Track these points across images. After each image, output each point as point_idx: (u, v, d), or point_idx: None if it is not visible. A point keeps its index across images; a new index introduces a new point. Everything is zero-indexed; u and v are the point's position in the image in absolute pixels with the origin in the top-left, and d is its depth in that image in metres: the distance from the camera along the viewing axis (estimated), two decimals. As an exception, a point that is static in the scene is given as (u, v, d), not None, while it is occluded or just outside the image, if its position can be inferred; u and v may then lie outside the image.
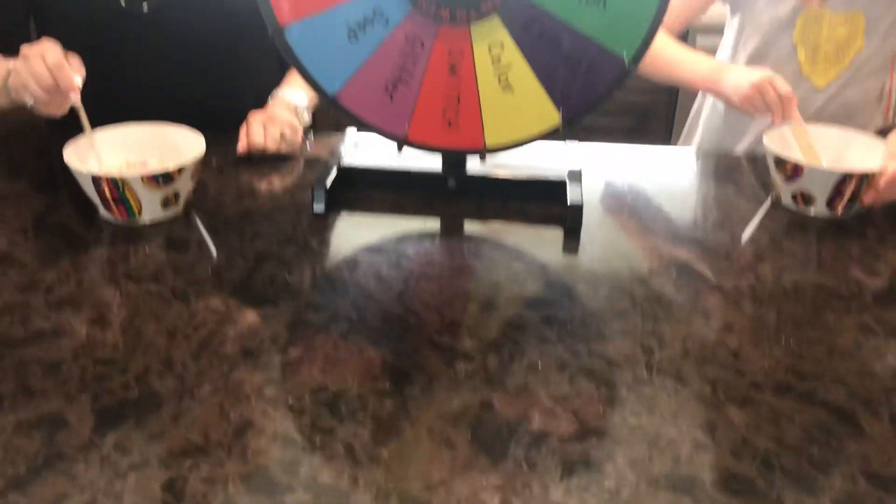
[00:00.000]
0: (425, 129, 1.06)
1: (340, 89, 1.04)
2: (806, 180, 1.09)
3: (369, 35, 1.00)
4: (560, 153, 1.18)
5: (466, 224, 1.08)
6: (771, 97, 1.18)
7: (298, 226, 1.05)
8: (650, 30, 0.98)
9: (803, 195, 1.11)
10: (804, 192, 1.11)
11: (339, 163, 1.13)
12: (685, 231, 1.07)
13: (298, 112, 1.28)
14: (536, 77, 1.02)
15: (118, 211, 1.02)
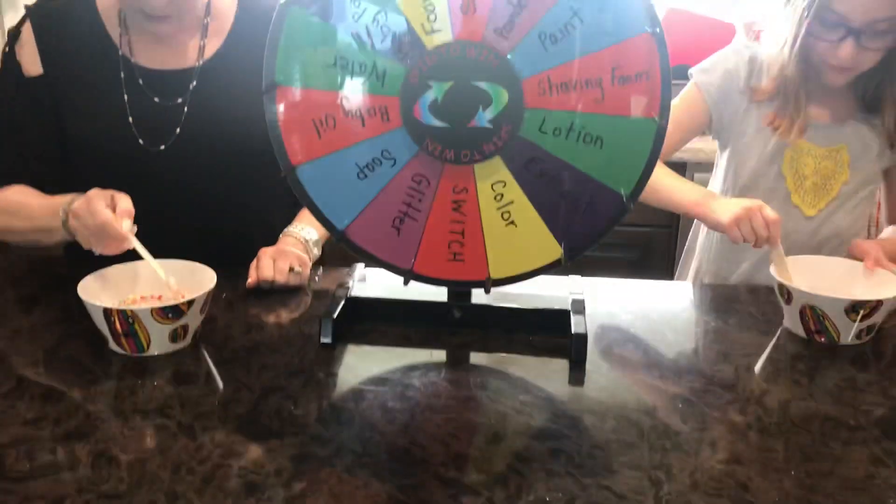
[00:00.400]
0: (431, 262, 1.09)
1: (349, 225, 1.08)
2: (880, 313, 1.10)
3: (377, 174, 1.05)
4: (564, 285, 1.21)
5: (472, 355, 1.09)
6: (758, 222, 1.20)
7: (305, 358, 1.06)
8: (647, 167, 1.02)
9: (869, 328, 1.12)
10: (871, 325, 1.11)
11: (347, 295, 1.15)
12: (690, 362, 1.07)
13: (308, 247, 1.32)
14: (538, 213, 1.05)
15: (127, 344, 1.03)
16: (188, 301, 1.03)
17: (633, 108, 1.00)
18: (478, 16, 0.98)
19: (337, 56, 1.01)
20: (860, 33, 1.19)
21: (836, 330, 1.11)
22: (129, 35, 1.29)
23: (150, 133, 1.28)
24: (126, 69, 1.28)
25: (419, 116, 1.02)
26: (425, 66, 1.00)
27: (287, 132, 1.04)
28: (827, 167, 1.36)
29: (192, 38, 1.31)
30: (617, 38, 0.98)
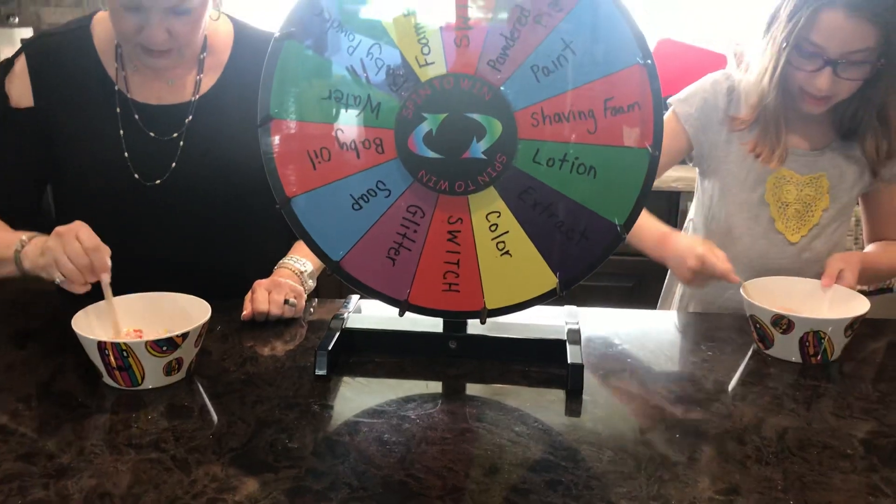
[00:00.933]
0: (426, 293, 1.09)
1: (344, 256, 1.08)
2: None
3: (372, 205, 1.05)
4: (559, 315, 1.20)
5: (468, 386, 1.08)
6: (712, 271, 1.24)
7: (300, 390, 1.05)
8: (640, 197, 1.03)
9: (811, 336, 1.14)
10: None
11: (342, 326, 1.15)
12: (686, 391, 1.07)
13: (303, 279, 1.32)
14: (533, 243, 1.06)
15: (122, 378, 1.03)
16: (182, 334, 1.02)
17: (625, 138, 1.01)
18: (471, 49, 0.99)
19: (332, 89, 1.02)
20: (836, 64, 1.23)
21: (832, 348, 1.14)
22: (126, 71, 1.30)
23: (145, 167, 1.29)
24: (122, 104, 1.29)
25: (414, 148, 1.02)
26: (419, 98, 1.01)
27: (282, 164, 1.04)
28: (808, 194, 1.39)
29: (188, 74, 1.32)
30: (609, 69, 0.99)
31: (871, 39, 1.21)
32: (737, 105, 1.39)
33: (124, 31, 1.19)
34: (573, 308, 1.23)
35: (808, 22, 1.21)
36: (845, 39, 1.21)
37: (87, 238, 1.08)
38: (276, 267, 1.34)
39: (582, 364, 1.06)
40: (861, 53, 1.22)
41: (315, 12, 1.00)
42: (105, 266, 1.08)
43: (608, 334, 1.25)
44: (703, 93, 1.42)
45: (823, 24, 1.21)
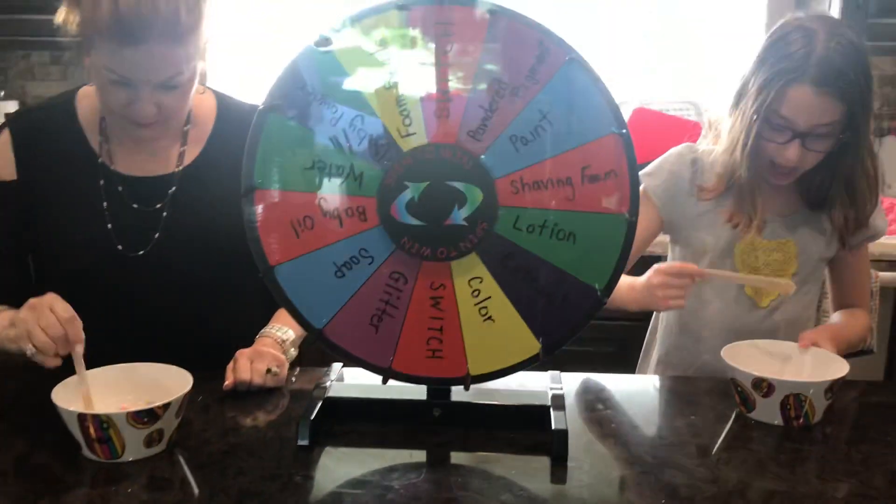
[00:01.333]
0: (410, 360, 1.09)
1: (327, 324, 1.08)
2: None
3: (355, 272, 1.06)
4: (543, 381, 1.20)
5: (452, 454, 1.08)
6: (673, 282, 1.25)
7: (283, 461, 1.04)
8: (619, 261, 1.05)
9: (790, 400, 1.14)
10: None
11: (324, 395, 1.14)
12: (671, 456, 1.07)
13: (285, 347, 1.31)
14: (515, 308, 1.07)
15: (101, 451, 1.01)
16: (164, 405, 1.01)
17: (603, 205, 1.03)
18: (451, 120, 1.02)
19: (315, 159, 1.04)
20: (805, 136, 1.27)
21: (814, 411, 1.14)
22: (109, 143, 1.31)
23: (128, 239, 1.29)
24: (105, 177, 1.30)
25: (396, 215, 1.04)
26: (402, 167, 1.03)
27: (265, 233, 1.05)
28: (777, 259, 1.42)
29: (172, 145, 1.33)
30: (585, 138, 1.02)
31: (837, 113, 1.25)
32: (701, 175, 1.43)
33: (112, 104, 1.21)
34: (556, 373, 1.23)
35: (777, 96, 1.25)
36: (813, 113, 1.25)
37: (62, 309, 1.07)
38: (257, 336, 1.33)
39: (566, 430, 1.06)
40: (827, 127, 1.26)
41: (298, 86, 1.03)
42: (79, 337, 1.07)
43: (592, 399, 1.25)
44: (669, 165, 1.46)
45: (792, 99, 1.25)
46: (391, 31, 1.01)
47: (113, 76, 1.16)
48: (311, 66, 1.03)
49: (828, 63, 1.23)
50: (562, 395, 1.14)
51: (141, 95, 1.18)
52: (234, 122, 1.35)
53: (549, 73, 1.01)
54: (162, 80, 1.17)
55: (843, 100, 1.24)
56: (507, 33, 1.01)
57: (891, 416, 1.20)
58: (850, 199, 1.36)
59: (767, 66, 1.28)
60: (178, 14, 1.14)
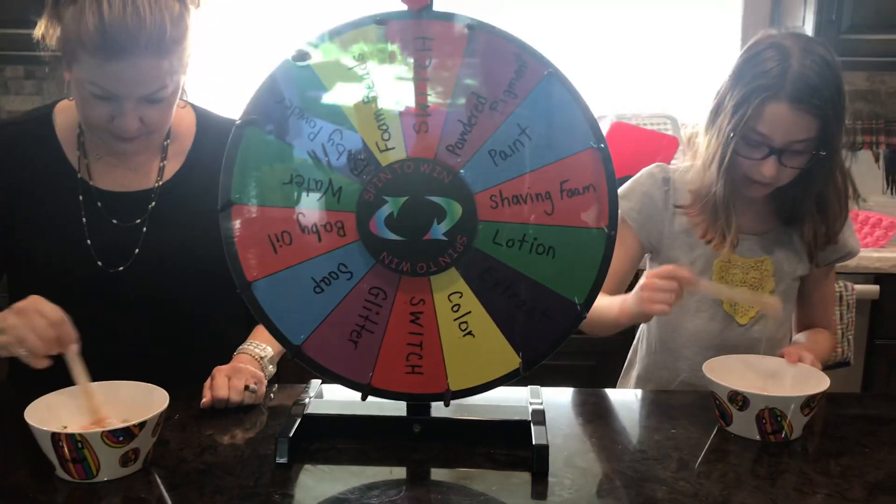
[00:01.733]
0: (389, 376, 1.08)
1: (305, 341, 1.07)
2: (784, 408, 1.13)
3: (334, 288, 1.05)
4: (523, 396, 1.20)
5: (433, 471, 1.07)
6: (661, 284, 1.22)
7: (261, 479, 1.03)
8: (599, 275, 1.05)
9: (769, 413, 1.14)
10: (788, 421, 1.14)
11: (303, 412, 1.13)
12: (651, 470, 1.07)
13: (263, 364, 1.30)
14: (495, 323, 1.06)
15: (76, 470, 0.99)
16: (139, 423, 1.00)
17: (582, 219, 1.03)
18: (430, 134, 1.02)
19: (293, 174, 1.03)
20: (781, 152, 1.28)
21: (791, 427, 1.14)
22: (88, 158, 1.30)
23: (108, 254, 1.28)
24: (84, 192, 1.29)
25: (375, 230, 1.03)
26: (380, 181, 1.02)
27: (243, 248, 1.04)
28: (754, 277, 1.43)
29: (152, 161, 1.32)
30: (564, 153, 1.02)
31: (813, 130, 1.26)
32: (674, 195, 1.44)
33: (95, 119, 1.20)
34: (537, 388, 1.23)
35: (754, 113, 1.26)
36: (789, 130, 1.26)
37: (51, 311, 1.06)
38: (235, 353, 1.32)
39: (547, 445, 1.06)
40: (803, 143, 1.27)
41: (276, 100, 1.02)
42: (72, 337, 1.06)
43: (572, 414, 1.24)
44: (641, 186, 1.46)
45: (769, 116, 1.26)
46: (369, 45, 1.01)
47: (96, 90, 1.15)
48: (288, 81, 1.02)
49: (803, 80, 1.24)
50: (542, 410, 1.14)
51: (125, 109, 1.17)
52: (213, 138, 1.34)
53: (528, 87, 1.01)
54: (146, 94, 1.17)
55: (819, 116, 1.25)
56: (485, 48, 1.01)
57: (868, 427, 1.21)
58: (821, 214, 1.38)
59: (743, 83, 1.29)
60: (164, 27, 1.13)
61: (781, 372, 1.25)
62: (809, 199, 1.36)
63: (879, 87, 2.74)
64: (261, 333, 1.36)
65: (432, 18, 1.01)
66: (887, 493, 1.01)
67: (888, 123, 2.73)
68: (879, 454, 1.12)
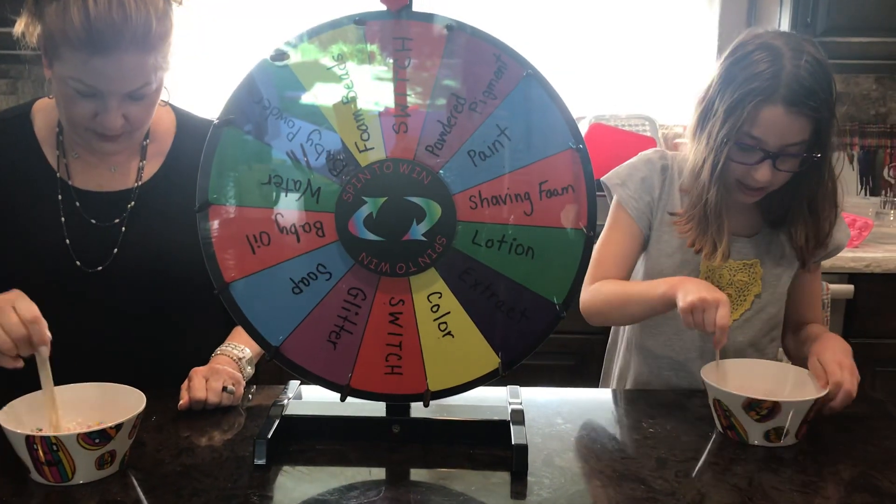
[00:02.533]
0: (369, 376, 1.08)
1: (284, 342, 1.07)
2: (782, 415, 1.11)
3: (313, 288, 1.05)
4: (502, 396, 1.20)
5: (412, 471, 1.07)
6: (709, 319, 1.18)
7: (239, 481, 1.02)
8: (577, 275, 1.05)
9: (776, 430, 1.13)
10: (778, 427, 1.12)
11: (282, 414, 1.13)
12: (629, 469, 1.07)
13: (241, 365, 1.30)
14: (474, 323, 1.07)
15: (51, 473, 0.98)
16: (116, 425, 0.99)
17: (561, 219, 1.04)
18: (409, 135, 1.02)
19: (272, 174, 1.03)
20: (776, 156, 1.25)
21: (743, 428, 1.14)
22: (67, 158, 1.29)
23: (86, 254, 1.27)
24: (63, 192, 1.28)
25: (354, 231, 1.03)
26: (360, 182, 1.02)
27: (220, 249, 1.04)
28: (741, 280, 1.40)
29: (131, 161, 1.31)
30: (543, 154, 1.03)
31: (807, 132, 1.24)
32: (670, 187, 1.40)
33: (78, 116, 1.19)
34: (516, 388, 1.23)
35: (749, 117, 1.23)
36: (784, 133, 1.23)
37: (25, 309, 1.04)
38: (213, 354, 1.31)
39: (526, 445, 1.06)
40: (798, 146, 1.25)
41: (255, 100, 1.02)
42: (44, 338, 1.04)
43: (551, 413, 1.25)
44: (638, 173, 1.42)
45: (763, 120, 1.23)
46: (348, 46, 1.01)
47: (80, 86, 1.14)
48: (267, 80, 1.02)
49: (798, 82, 1.21)
50: (521, 409, 1.14)
51: (108, 106, 1.16)
52: (192, 138, 1.33)
53: (507, 88, 1.01)
54: (130, 91, 1.16)
55: (813, 118, 1.23)
56: (464, 48, 1.01)
57: (844, 424, 1.22)
58: (813, 216, 1.35)
59: (734, 86, 1.25)
60: (150, 23, 1.13)
61: (780, 376, 1.24)
62: (801, 201, 1.34)
63: (853, 90, 2.78)
64: (239, 335, 1.36)
65: (411, 19, 1.01)
66: (862, 490, 1.02)
67: (862, 125, 2.77)
68: (854, 451, 1.13)
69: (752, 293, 1.41)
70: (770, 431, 1.13)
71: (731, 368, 1.25)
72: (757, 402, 1.12)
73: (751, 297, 1.41)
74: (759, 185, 1.28)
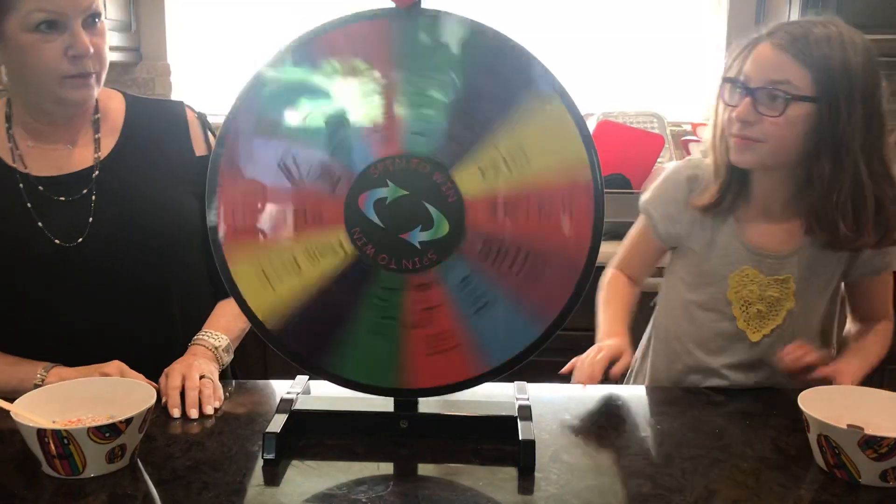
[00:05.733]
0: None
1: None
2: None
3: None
4: (509, 391, 1.21)
5: (420, 466, 1.07)
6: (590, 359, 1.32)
7: (248, 475, 1.03)
8: (580, 283, 1.05)
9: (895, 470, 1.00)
10: None
11: (290, 408, 1.14)
12: (637, 466, 1.08)
13: (218, 354, 1.32)
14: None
15: (62, 466, 0.99)
16: (126, 419, 1.00)
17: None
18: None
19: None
20: (755, 91, 1.23)
21: (856, 468, 1.01)
22: (20, 149, 1.28)
23: (63, 231, 1.26)
24: (24, 181, 1.27)
25: (362, 206, 1.04)
26: (392, 166, 1.03)
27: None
28: (772, 295, 1.35)
29: (85, 136, 1.32)
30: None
31: (794, 75, 1.21)
32: (700, 195, 1.37)
33: (47, 63, 1.19)
34: (523, 384, 1.23)
35: (743, 60, 1.26)
36: (767, 69, 1.23)
37: None
38: (190, 343, 1.33)
39: (533, 440, 1.06)
40: (783, 86, 1.22)
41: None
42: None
43: (558, 409, 1.25)
44: (663, 190, 1.43)
45: (754, 57, 1.25)
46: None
47: (43, 15, 1.16)
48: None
49: (793, 25, 1.22)
50: (528, 405, 1.15)
51: (75, 30, 1.18)
52: (145, 114, 1.37)
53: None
54: (88, 5, 1.18)
55: (806, 64, 1.21)
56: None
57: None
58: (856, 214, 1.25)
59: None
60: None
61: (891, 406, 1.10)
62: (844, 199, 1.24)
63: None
64: (214, 320, 1.38)
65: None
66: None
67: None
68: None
69: (784, 308, 1.35)
70: (888, 471, 1.00)
71: (830, 396, 1.13)
72: (876, 440, 0.99)
73: (783, 312, 1.35)
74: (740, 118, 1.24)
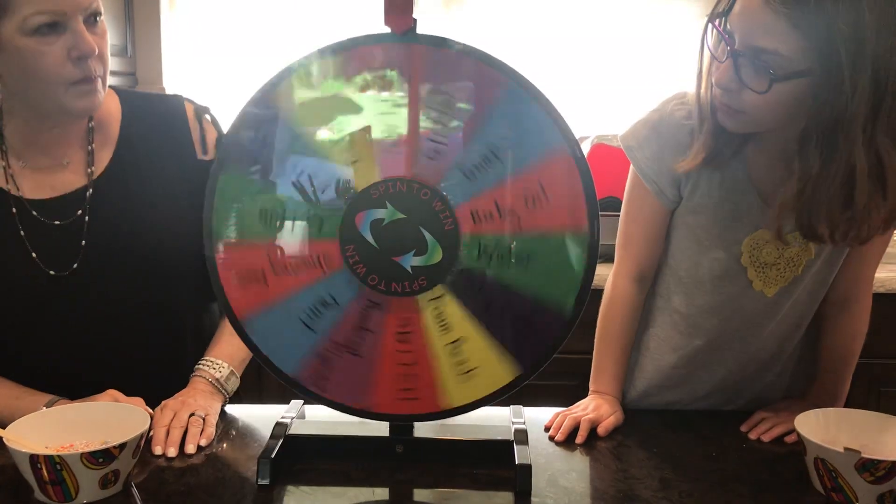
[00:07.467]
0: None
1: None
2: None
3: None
4: (505, 415, 1.20)
5: (416, 491, 1.07)
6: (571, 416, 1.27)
7: (243, 501, 1.02)
8: (585, 278, 1.04)
9: (893, 493, 0.99)
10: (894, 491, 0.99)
11: (285, 433, 1.13)
12: (634, 490, 1.07)
13: (220, 385, 1.29)
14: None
15: (55, 493, 0.98)
16: (120, 445, 0.99)
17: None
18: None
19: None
20: (738, 56, 1.08)
21: (853, 491, 1.00)
22: (12, 168, 1.25)
23: (56, 258, 1.24)
24: (17, 205, 1.24)
25: (358, 224, 1.04)
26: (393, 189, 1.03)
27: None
28: (791, 252, 1.25)
29: (79, 151, 1.28)
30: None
31: (788, 46, 1.03)
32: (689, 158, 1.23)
33: (50, 67, 1.14)
34: (519, 407, 1.23)
35: (729, 7, 1.09)
36: (755, 29, 1.05)
37: None
38: (191, 375, 1.31)
39: (530, 465, 1.06)
40: (770, 58, 1.05)
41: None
42: None
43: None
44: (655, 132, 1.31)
45: (739, 9, 1.07)
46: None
47: (44, 17, 1.11)
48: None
49: None
50: (524, 429, 1.14)
51: (77, 29, 1.14)
52: (141, 118, 1.32)
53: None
54: (88, 4, 1.14)
55: (804, 33, 1.01)
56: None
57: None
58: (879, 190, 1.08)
59: None
60: None
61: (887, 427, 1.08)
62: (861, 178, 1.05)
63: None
64: (216, 348, 1.35)
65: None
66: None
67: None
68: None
69: (803, 259, 1.25)
70: (886, 494, 0.99)
71: (826, 419, 1.11)
72: (872, 463, 0.98)
73: (802, 263, 1.25)
74: (720, 84, 1.12)
